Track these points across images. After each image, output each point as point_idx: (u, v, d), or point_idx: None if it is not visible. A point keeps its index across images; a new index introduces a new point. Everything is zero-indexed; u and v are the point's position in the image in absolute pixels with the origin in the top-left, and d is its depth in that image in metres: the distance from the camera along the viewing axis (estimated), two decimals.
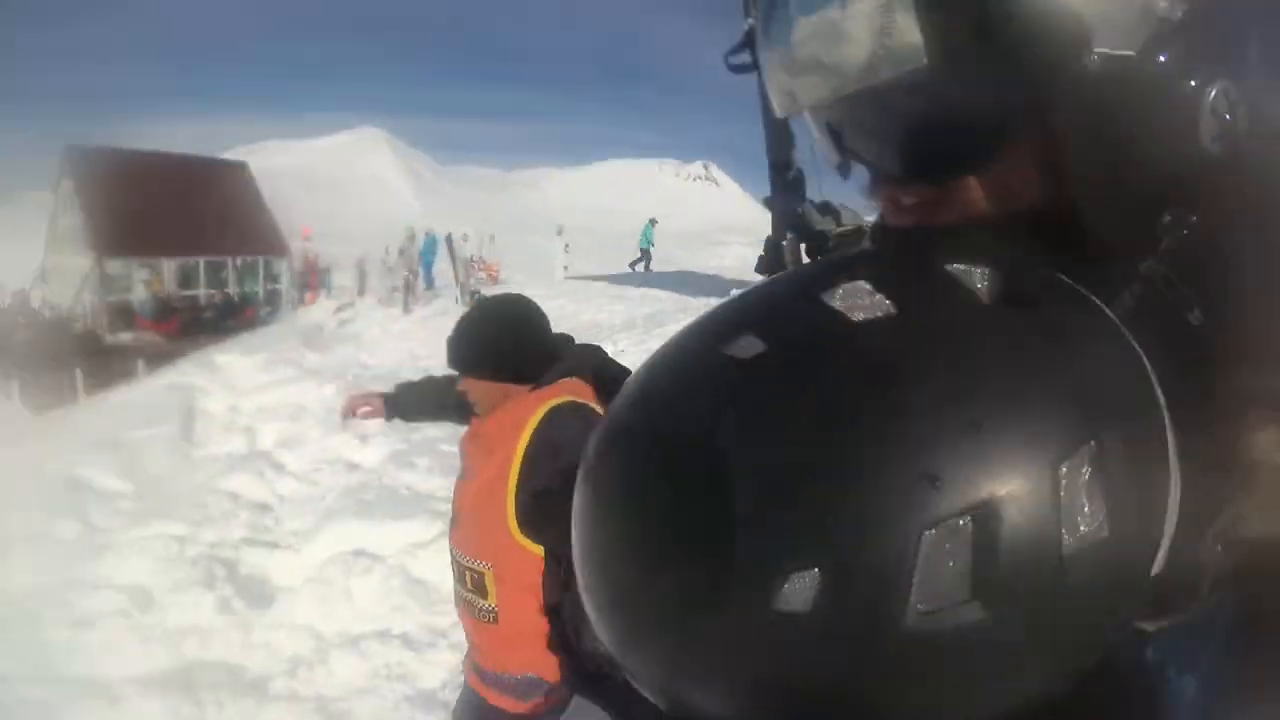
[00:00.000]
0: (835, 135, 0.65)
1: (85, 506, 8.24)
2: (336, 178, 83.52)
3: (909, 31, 0.54)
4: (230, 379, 12.49)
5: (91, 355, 19.93)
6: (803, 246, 1.34)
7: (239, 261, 25.88)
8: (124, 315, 22.54)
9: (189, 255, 24.76)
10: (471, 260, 21.19)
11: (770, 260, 1.38)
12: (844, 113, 0.63)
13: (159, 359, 19.56)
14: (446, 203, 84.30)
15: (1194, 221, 0.55)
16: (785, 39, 0.61)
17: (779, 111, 0.68)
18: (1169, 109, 0.55)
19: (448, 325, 2.93)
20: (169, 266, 24.44)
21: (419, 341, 14.52)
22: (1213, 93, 0.55)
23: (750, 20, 0.74)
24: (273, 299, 25.86)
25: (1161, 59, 0.54)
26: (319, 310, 20.58)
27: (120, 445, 9.81)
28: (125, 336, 21.92)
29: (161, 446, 9.76)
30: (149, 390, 14.03)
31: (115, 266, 23.52)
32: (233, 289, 25.55)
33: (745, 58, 0.82)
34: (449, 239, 19.15)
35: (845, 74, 0.57)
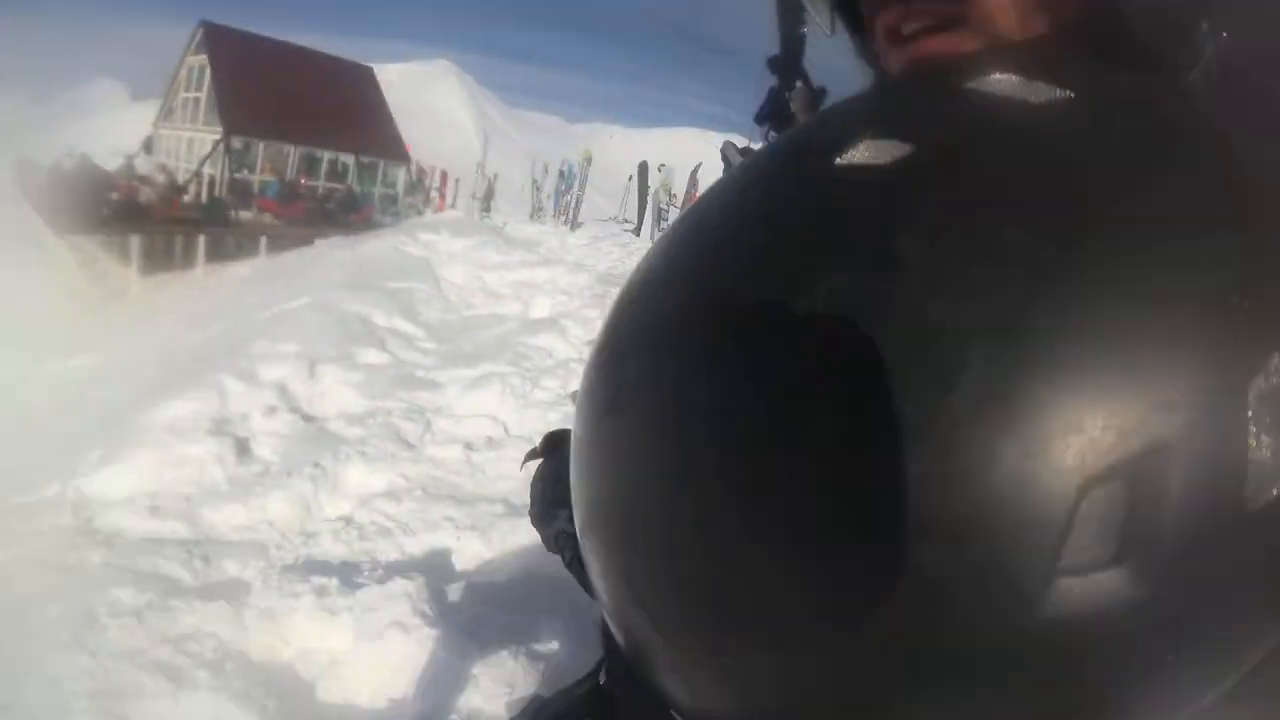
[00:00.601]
0: None
1: (386, 343, 8.13)
2: (404, 105, 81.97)
3: None
4: (455, 254, 12.26)
5: (215, 226, 19.91)
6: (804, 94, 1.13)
7: (360, 160, 25.60)
8: (244, 194, 22.23)
9: (313, 146, 24.59)
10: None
11: (773, 109, 1.15)
12: None
13: (281, 240, 19.79)
14: (509, 144, 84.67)
15: (1224, 38, 0.44)
16: None
17: None
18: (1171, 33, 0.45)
19: (616, 249, 2.55)
20: (294, 154, 24.30)
21: (602, 258, 14.09)
22: (1203, 25, 0.45)
23: None
24: (385, 202, 25.52)
25: None
26: (455, 216, 20.37)
27: (386, 291, 9.91)
28: (245, 214, 21.77)
29: (426, 300, 9.66)
30: (374, 248, 14.15)
31: (240, 145, 23.33)
32: (355, 186, 25.27)
33: None
34: (643, 168, 18.48)
35: None
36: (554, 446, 1.04)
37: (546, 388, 6.56)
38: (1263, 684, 0.44)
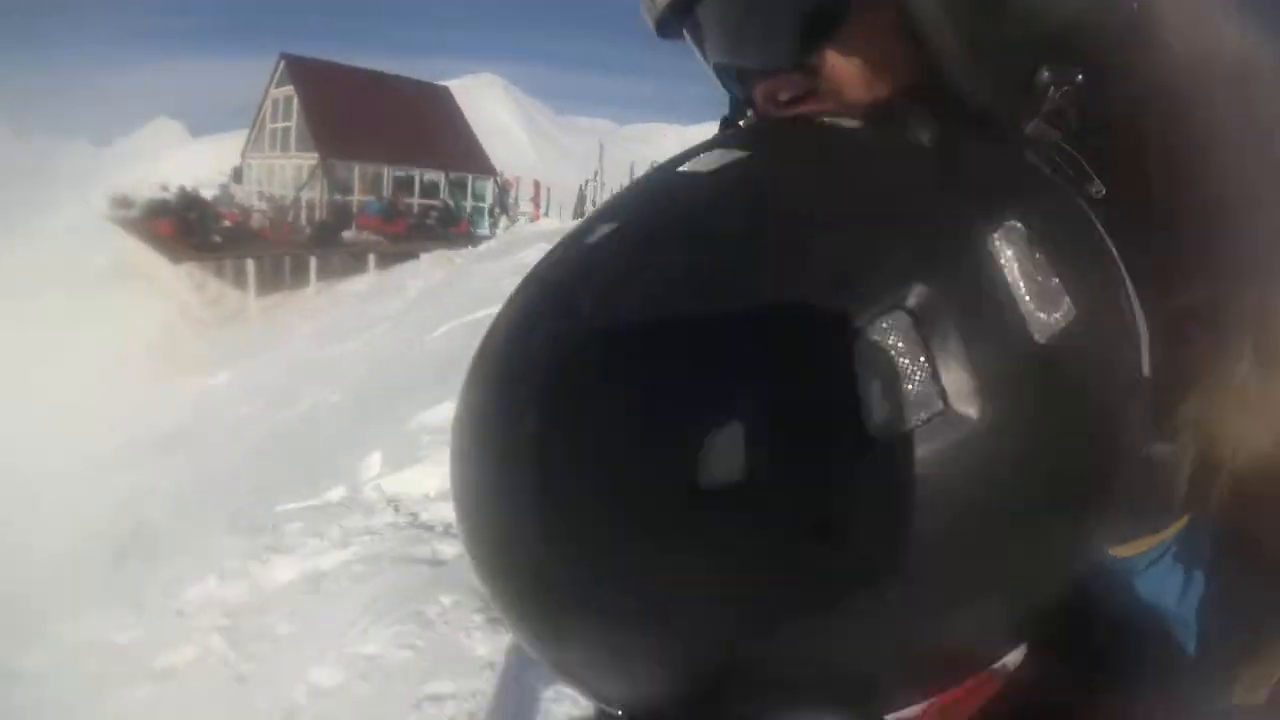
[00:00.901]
0: (702, 50, 0.65)
1: None
2: None
3: None
4: None
5: (325, 246, 20.36)
6: None
7: (450, 176, 26.09)
8: (344, 214, 22.75)
9: (405, 166, 25.20)
10: None
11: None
12: (698, 18, 0.62)
13: (387, 256, 20.16)
14: (560, 151, 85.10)
15: (1079, 80, 0.51)
16: None
17: (654, 28, 0.65)
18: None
19: None
20: (387, 174, 24.85)
21: None
22: None
23: None
24: (475, 215, 26.02)
25: None
26: (553, 224, 20.58)
27: None
28: (347, 234, 22.27)
29: None
30: (491, 258, 14.34)
31: (336, 169, 23.94)
32: (449, 201, 25.75)
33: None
34: None
35: None
36: None
37: None
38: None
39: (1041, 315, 0.37)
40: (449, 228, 23.55)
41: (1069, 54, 0.51)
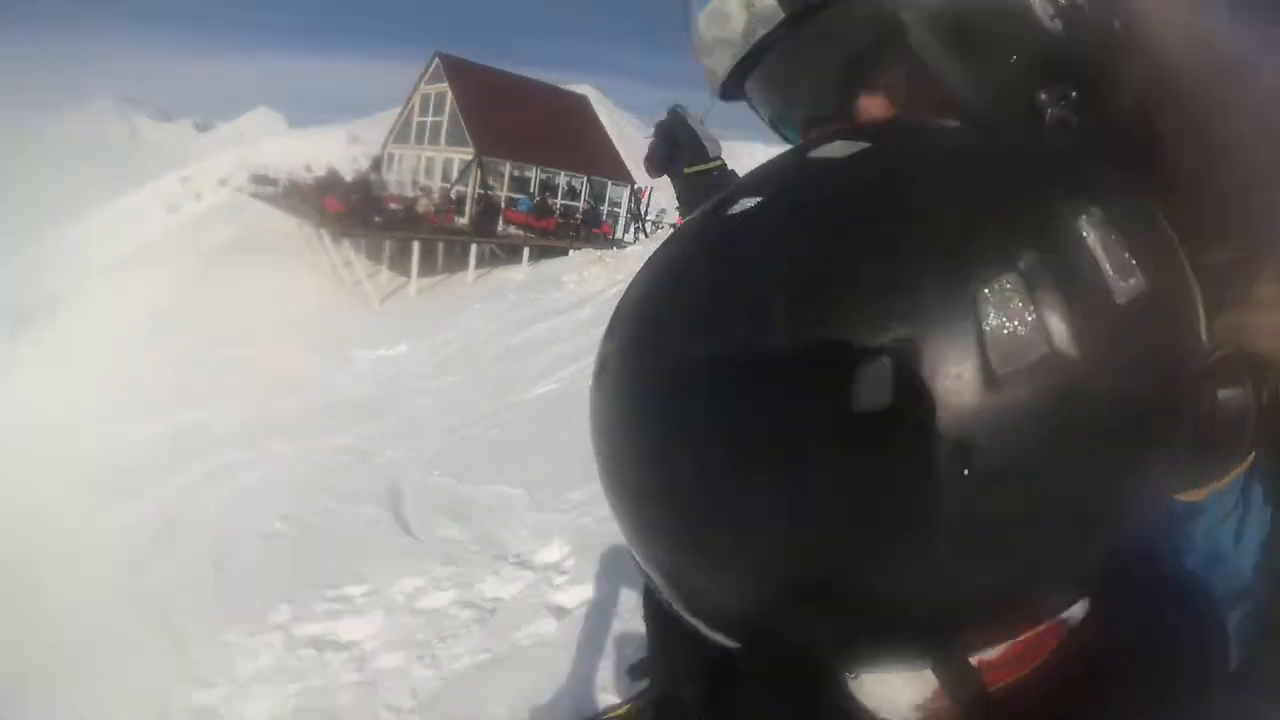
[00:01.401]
0: (759, 108, 0.83)
1: None
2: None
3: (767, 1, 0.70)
4: None
5: (484, 236, 20.75)
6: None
7: (592, 180, 26.47)
8: (494, 209, 23.14)
9: (551, 167, 25.53)
10: None
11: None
12: (754, 82, 0.79)
13: (539, 250, 20.53)
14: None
15: (1074, 96, 0.64)
16: (697, 35, 0.78)
17: (712, 93, 0.84)
18: (1003, 4, 0.64)
19: None
20: (535, 174, 25.19)
21: None
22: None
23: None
24: (613, 219, 26.52)
25: None
26: None
27: None
28: (501, 227, 22.74)
29: None
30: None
31: (489, 165, 24.28)
32: (591, 203, 26.17)
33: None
34: None
35: (734, 42, 0.74)
36: None
37: None
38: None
39: (1121, 282, 0.43)
40: (592, 229, 24.00)
41: (1061, 74, 0.64)
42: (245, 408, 12.37)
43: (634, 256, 17.66)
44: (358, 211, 20.47)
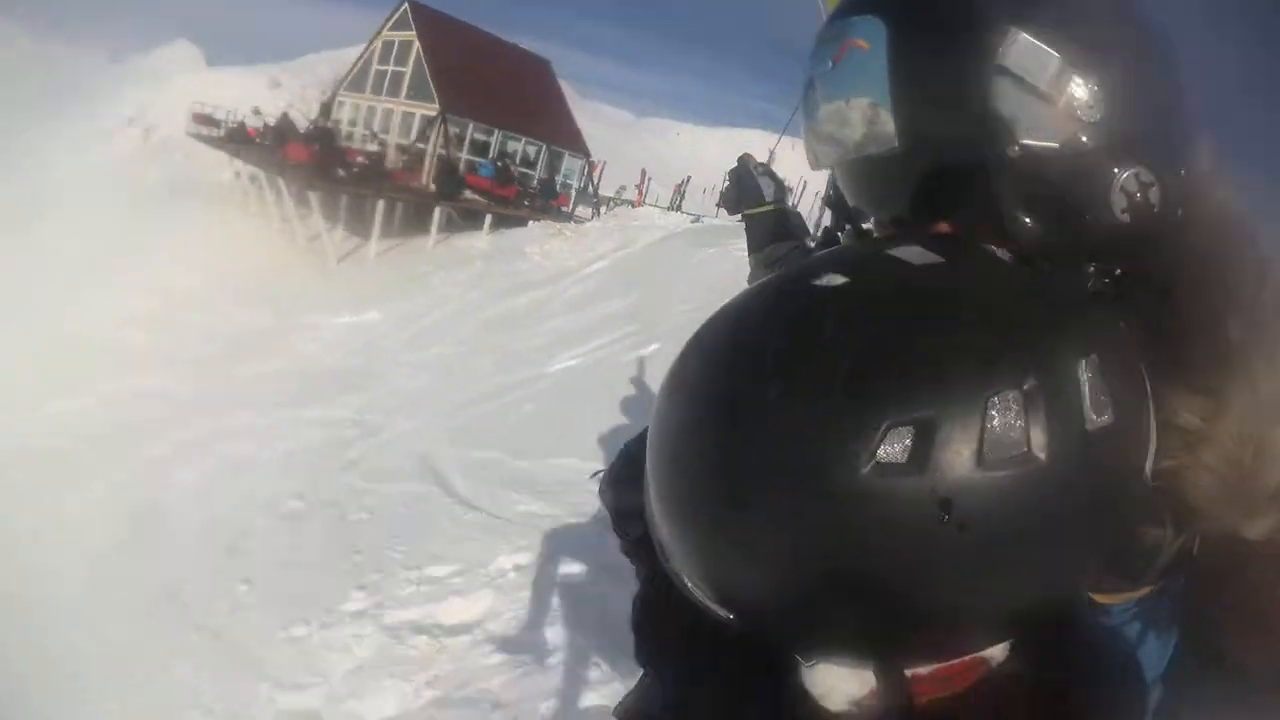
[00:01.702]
0: (844, 193, 0.93)
1: None
2: None
3: (888, 124, 0.79)
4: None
5: (449, 200, 19.80)
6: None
7: (551, 149, 25.32)
8: (457, 173, 21.84)
9: (513, 132, 24.31)
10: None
11: (826, 242, 1.45)
12: (849, 175, 0.89)
13: (500, 219, 19.75)
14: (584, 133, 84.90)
15: (1118, 274, 0.75)
16: (814, 116, 0.87)
17: (810, 164, 0.94)
18: (1086, 186, 0.74)
19: None
20: (497, 136, 23.99)
21: None
22: (1125, 175, 0.74)
23: None
24: (567, 192, 25.20)
25: (1084, 148, 0.73)
26: (652, 213, 20.29)
27: None
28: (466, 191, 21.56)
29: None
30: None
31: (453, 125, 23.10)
32: (547, 174, 24.92)
33: None
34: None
35: (847, 146, 0.83)
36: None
37: None
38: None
39: (1094, 415, 0.56)
40: (549, 200, 22.95)
41: (1113, 255, 0.76)
42: (204, 374, 11.55)
43: (594, 233, 17.52)
44: (322, 163, 19.21)
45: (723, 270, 10.71)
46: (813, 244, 1.66)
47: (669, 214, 20.09)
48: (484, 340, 11.18)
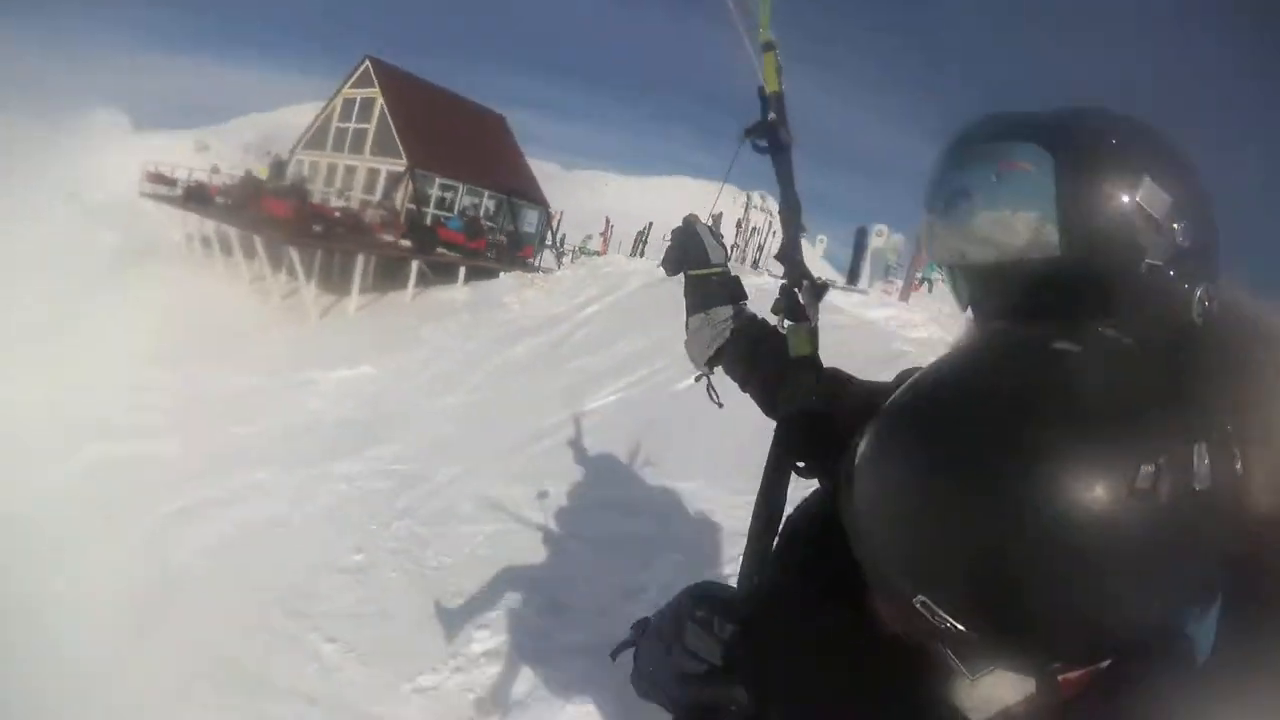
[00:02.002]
0: (964, 288, 1.13)
1: None
2: None
3: (1053, 235, 0.98)
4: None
5: (424, 254, 19.56)
6: (809, 290, 1.54)
7: (513, 202, 25.21)
8: (429, 227, 21.70)
9: (478, 185, 24.25)
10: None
11: (785, 303, 1.55)
12: (987, 274, 1.06)
13: (472, 271, 19.59)
14: None
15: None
16: (966, 219, 1.04)
17: (935, 256, 1.15)
18: (1180, 295, 0.96)
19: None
20: (461, 190, 23.90)
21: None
22: (1199, 291, 0.96)
23: (772, 115, 1.54)
24: (529, 242, 25.12)
25: (1181, 267, 0.96)
26: (625, 261, 20.33)
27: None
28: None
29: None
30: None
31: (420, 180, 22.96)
32: (513, 226, 24.81)
33: (764, 143, 1.55)
34: (861, 231, 18.67)
35: (1008, 250, 1.01)
36: None
37: None
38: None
39: (1198, 480, 0.66)
40: (516, 251, 22.89)
41: (1185, 345, 0.90)
42: (199, 436, 10.88)
43: (567, 281, 17.51)
44: (299, 218, 18.80)
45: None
46: (747, 306, 1.76)
47: (635, 260, 20.13)
48: (500, 386, 10.98)
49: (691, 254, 1.76)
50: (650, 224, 24.03)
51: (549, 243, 25.09)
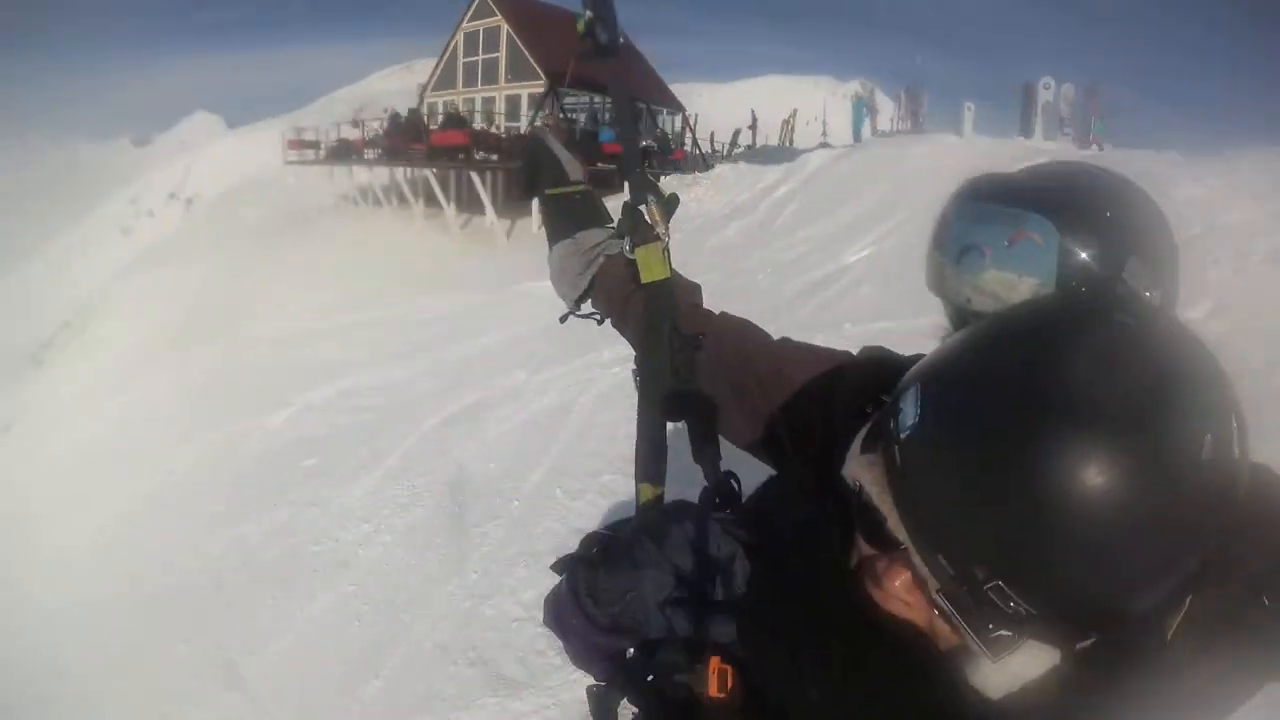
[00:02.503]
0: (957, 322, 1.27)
1: None
2: None
3: (1050, 288, 1.14)
4: None
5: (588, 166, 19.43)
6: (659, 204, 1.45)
7: (650, 108, 24.87)
8: (590, 139, 21.24)
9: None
10: None
11: (631, 222, 1.44)
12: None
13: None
14: None
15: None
16: (977, 273, 1.20)
17: (941, 294, 1.32)
18: None
19: None
20: (603, 102, 23.30)
21: None
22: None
23: (588, 13, 1.48)
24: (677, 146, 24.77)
25: None
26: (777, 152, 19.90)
27: None
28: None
29: None
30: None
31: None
32: (656, 132, 24.29)
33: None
34: (1029, 87, 17.82)
35: (1008, 303, 1.11)
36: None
37: None
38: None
39: (1236, 453, 0.68)
40: (668, 156, 22.55)
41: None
42: (447, 352, 10.95)
43: (728, 178, 17.34)
44: (474, 145, 19.18)
45: (936, 168, 10.31)
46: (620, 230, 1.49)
47: (785, 148, 19.71)
48: (733, 264, 10.89)
49: (546, 171, 1.56)
50: (795, 110, 23.50)
51: (690, 145, 24.75)
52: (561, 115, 20.87)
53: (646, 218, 1.43)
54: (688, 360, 1.35)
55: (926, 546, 0.72)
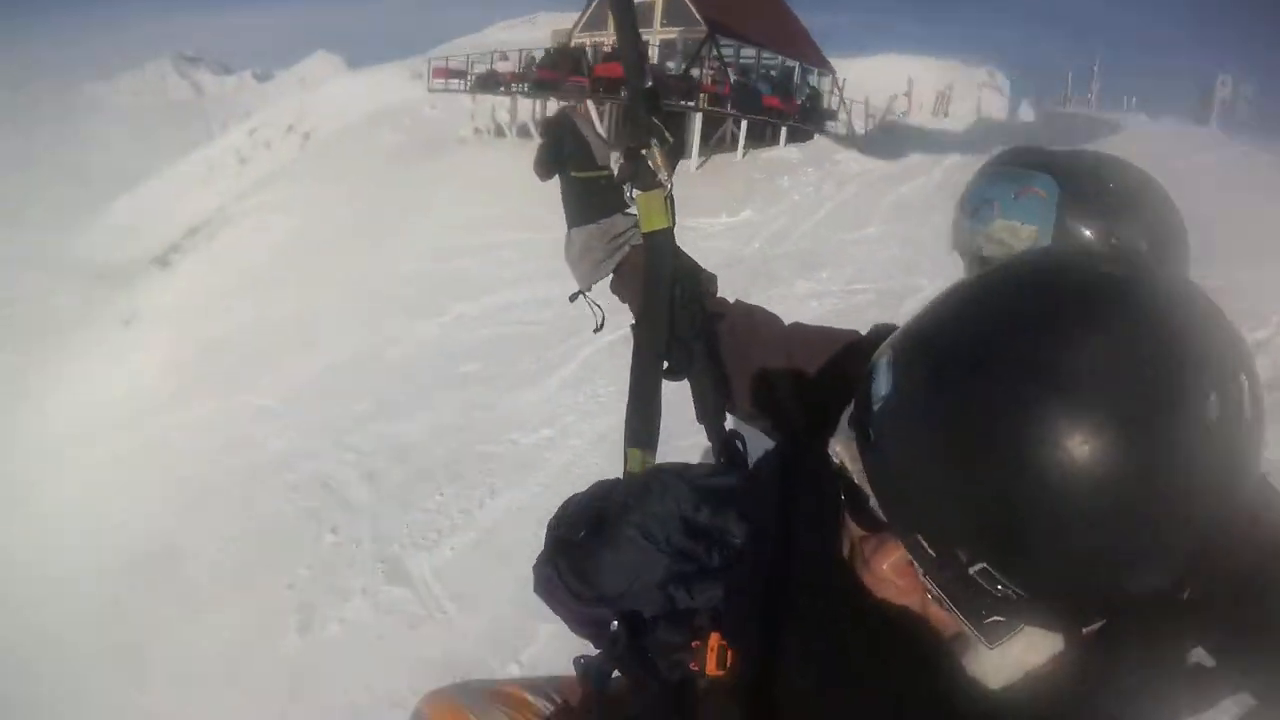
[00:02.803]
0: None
1: None
2: None
3: (1048, 239, 1.29)
4: None
5: (751, 114, 19.05)
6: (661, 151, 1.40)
7: (804, 66, 23.98)
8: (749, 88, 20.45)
9: (770, 50, 22.77)
10: None
11: (633, 168, 1.39)
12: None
13: (790, 132, 19.42)
14: None
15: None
16: (988, 222, 1.39)
17: (958, 247, 1.53)
18: None
19: None
20: (758, 55, 22.67)
21: None
22: None
23: None
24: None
25: None
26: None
27: None
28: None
29: None
30: None
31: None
32: (813, 89, 23.56)
33: None
34: None
35: (1012, 252, 1.21)
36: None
37: None
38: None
39: (1247, 413, 0.62)
40: (818, 115, 21.90)
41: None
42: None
43: (879, 141, 17.42)
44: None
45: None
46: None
47: (941, 119, 18.84)
48: (920, 217, 10.22)
49: (572, 153, 1.53)
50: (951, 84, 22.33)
51: (838, 106, 24.09)
52: (719, 65, 19.83)
53: (649, 163, 1.38)
54: (694, 315, 1.35)
55: (903, 527, 0.67)
